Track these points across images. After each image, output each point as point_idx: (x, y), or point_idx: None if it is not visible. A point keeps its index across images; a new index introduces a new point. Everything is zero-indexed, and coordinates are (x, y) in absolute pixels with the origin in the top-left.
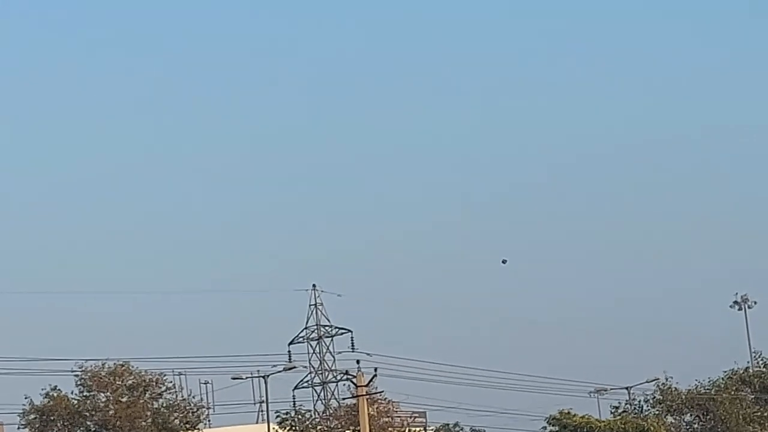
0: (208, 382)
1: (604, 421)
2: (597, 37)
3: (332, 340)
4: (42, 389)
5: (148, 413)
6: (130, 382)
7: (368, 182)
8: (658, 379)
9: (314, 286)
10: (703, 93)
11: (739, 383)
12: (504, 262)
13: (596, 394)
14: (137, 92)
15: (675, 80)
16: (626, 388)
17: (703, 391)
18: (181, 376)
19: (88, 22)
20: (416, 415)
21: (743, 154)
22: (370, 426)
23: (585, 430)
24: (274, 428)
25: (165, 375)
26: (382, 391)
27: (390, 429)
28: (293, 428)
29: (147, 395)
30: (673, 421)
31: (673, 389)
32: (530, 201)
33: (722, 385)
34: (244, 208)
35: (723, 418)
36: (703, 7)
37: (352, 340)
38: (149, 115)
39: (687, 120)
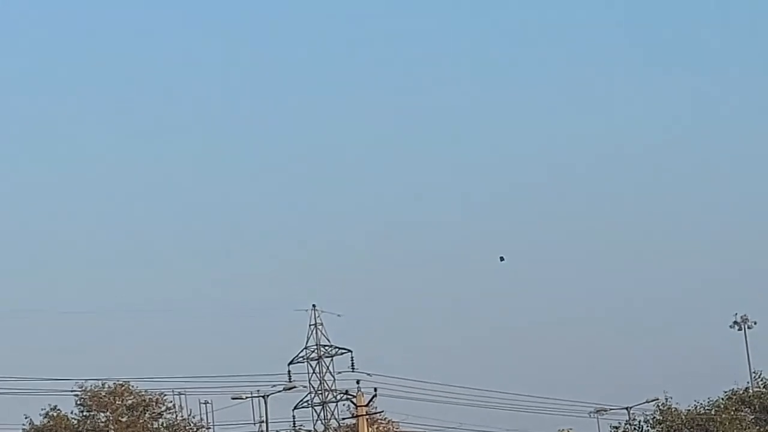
0: (207, 402)
1: None
2: (596, 37)
3: (332, 360)
4: (42, 409)
5: None
6: (130, 401)
7: (367, 183)
8: (657, 399)
9: (314, 306)
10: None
11: (739, 403)
12: (502, 259)
13: (596, 415)
14: (137, 91)
15: (674, 80)
16: (626, 408)
17: (703, 411)
18: (181, 395)
19: (88, 21)
20: None
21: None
22: None
23: None
24: None
25: (165, 395)
26: (382, 411)
27: None
28: None
29: (147, 415)
30: None
31: (673, 409)
32: (530, 201)
33: (722, 406)
34: (243, 210)
35: None
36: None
37: (352, 360)
38: (149, 114)
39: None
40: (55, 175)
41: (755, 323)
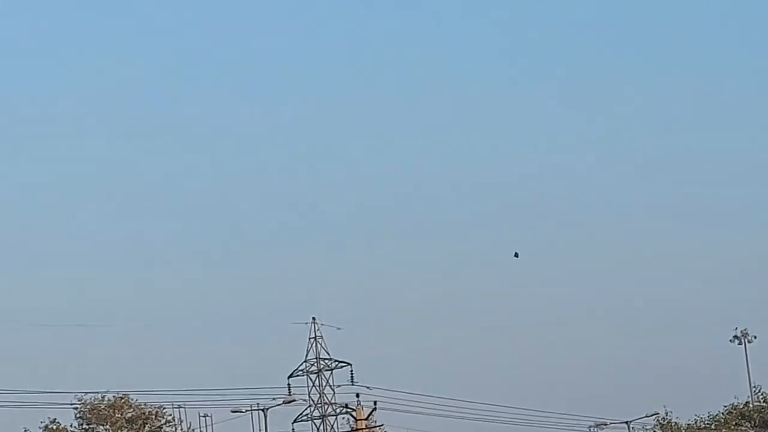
0: (207, 415)
1: None
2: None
3: (332, 373)
4: (41, 422)
5: None
6: (129, 415)
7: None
8: (657, 413)
9: (314, 318)
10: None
11: (739, 418)
12: (516, 255)
13: (596, 429)
14: (140, 93)
15: (675, 84)
16: (626, 423)
17: (703, 425)
18: (181, 409)
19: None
20: None
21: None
22: None
23: None
24: None
25: (164, 408)
26: (382, 425)
27: None
28: None
29: (147, 428)
30: None
31: (673, 423)
32: (529, 204)
33: (722, 420)
34: (243, 219)
35: None
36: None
37: (351, 373)
38: (151, 117)
39: None
40: (55, 175)
41: (755, 337)
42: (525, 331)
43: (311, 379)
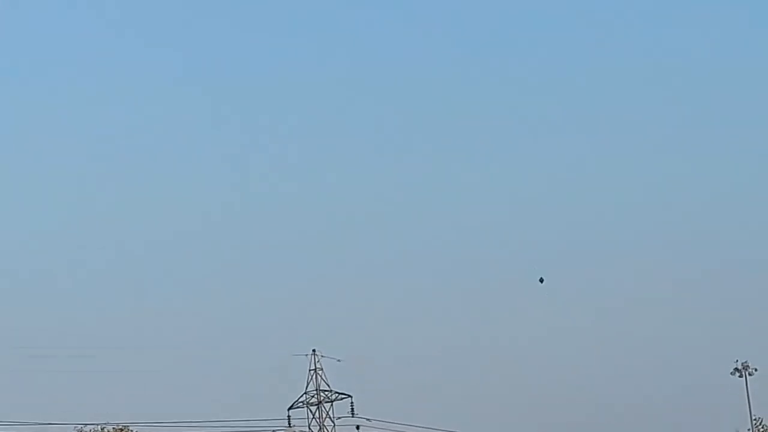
0: None
1: None
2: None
3: (332, 404)
4: None
5: None
6: None
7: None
8: None
9: (314, 350)
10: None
11: None
12: (541, 281)
13: None
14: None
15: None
16: None
17: None
18: None
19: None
20: None
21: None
22: None
23: None
24: None
25: None
26: None
27: None
28: None
29: None
30: None
31: None
32: (525, 225)
33: None
34: (243, 251)
35: None
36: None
37: (351, 404)
38: (159, 139)
39: None
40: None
41: (756, 370)
42: (524, 359)
43: (311, 411)
